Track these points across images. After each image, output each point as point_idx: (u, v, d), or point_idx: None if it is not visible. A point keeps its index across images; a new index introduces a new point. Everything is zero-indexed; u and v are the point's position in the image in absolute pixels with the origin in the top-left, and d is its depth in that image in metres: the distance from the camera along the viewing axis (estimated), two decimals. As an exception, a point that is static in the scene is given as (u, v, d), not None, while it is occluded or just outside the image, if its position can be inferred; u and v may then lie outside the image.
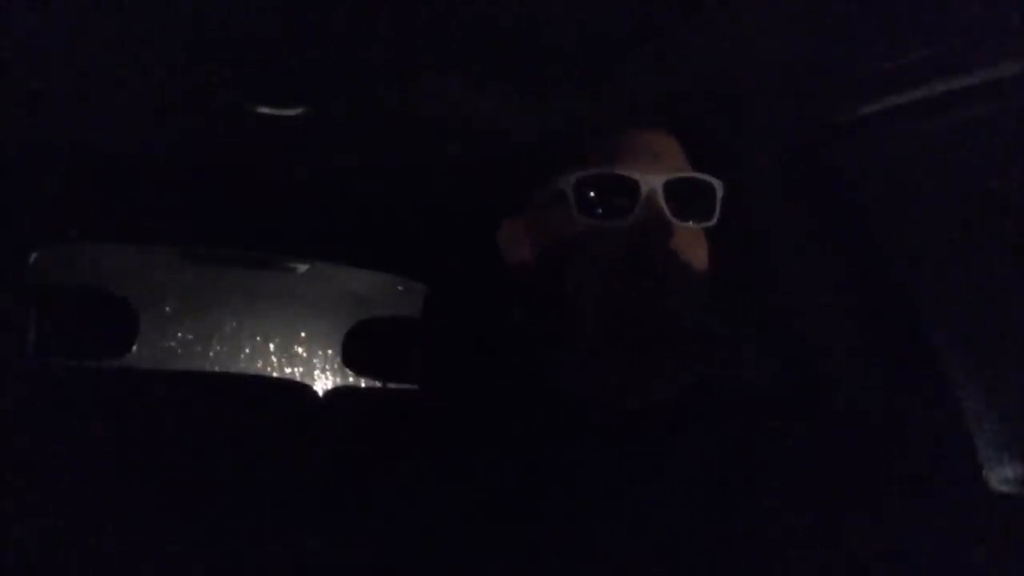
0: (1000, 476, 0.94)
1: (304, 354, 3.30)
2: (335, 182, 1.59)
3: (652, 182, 0.73)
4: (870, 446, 0.78)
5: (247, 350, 3.24)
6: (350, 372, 2.01)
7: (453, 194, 1.51)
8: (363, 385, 2.14)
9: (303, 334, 3.29)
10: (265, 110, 1.17)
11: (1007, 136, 0.96)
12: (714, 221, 0.77)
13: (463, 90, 1.10)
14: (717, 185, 0.77)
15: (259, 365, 3.25)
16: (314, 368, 3.29)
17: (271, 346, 3.27)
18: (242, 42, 0.99)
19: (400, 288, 2.71)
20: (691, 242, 0.76)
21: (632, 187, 0.74)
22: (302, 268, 2.60)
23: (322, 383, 3.25)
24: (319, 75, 1.08)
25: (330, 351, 3.25)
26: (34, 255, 1.64)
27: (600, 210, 0.75)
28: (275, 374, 3.21)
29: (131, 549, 1.45)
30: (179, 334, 3.14)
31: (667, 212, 0.73)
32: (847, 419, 0.83)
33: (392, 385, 1.90)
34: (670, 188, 0.74)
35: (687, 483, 0.71)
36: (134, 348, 1.71)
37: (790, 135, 1.13)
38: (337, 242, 1.85)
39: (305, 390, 1.84)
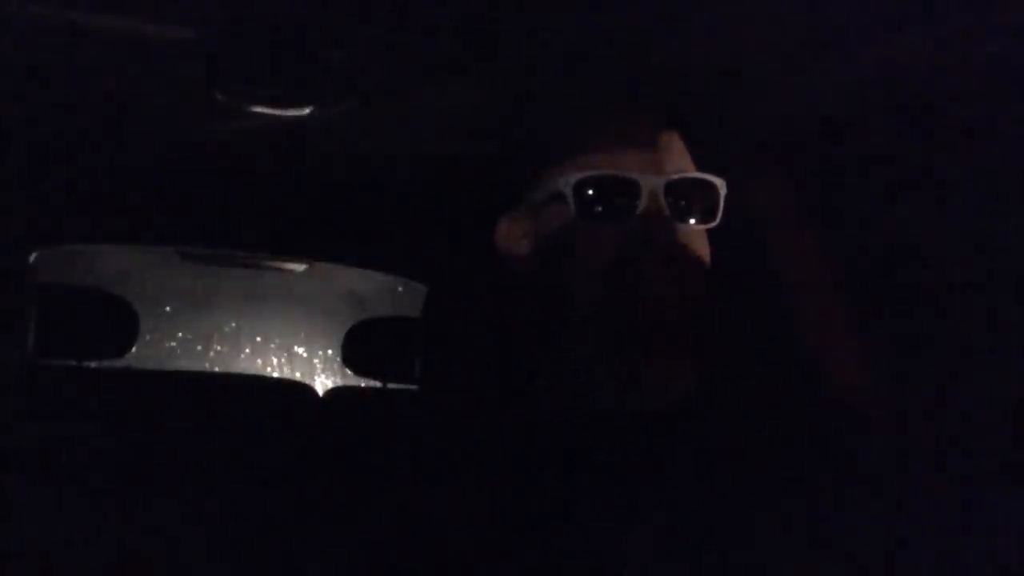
0: (992, 475, 0.94)
1: (304, 354, 3.30)
2: (335, 182, 1.59)
3: (653, 182, 0.72)
4: (872, 449, 0.78)
5: (247, 350, 3.25)
6: (350, 372, 2.01)
7: (453, 194, 1.51)
8: (363, 385, 2.14)
9: (303, 334, 3.29)
10: (265, 110, 1.17)
11: (1007, 135, 0.96)
12: (717, 221, 0.76)
13: (462, 90, 1.10)
14: (720, 184, 0.76)
15: (259, 365, 3.25)
16: (314, 368, 3.29)
17: (271, 346, 3.27)
18: (243, 41, 0.99)
19: (400, 288, 2.71)
20: (693, 242, 0.75)
21: (632, 188, 0.72)
22: (302, 268, 2.61)
23: (322, 383, 3.25)
24: (319, 76, 1.08)
25: (330, 351, 3.25)
26: (34, 255, 1.64)
27: (600, 212, 0.73)
28: (275, 374, 3.21)
29: (131, 548, 1.45)
30: (179, 334, 3.14)
31: (668, 213, 0.72)
32: (848, 422, 0.83)
33: (392, 385, 1.90)
34: (671, 188, 0.73)
35: (686, 489, 0.71)
36: (134, 348, 1.72)
37: (789, 135, 1.13)
38: (337, 242, 1.85)
39: (305, 390, 1.85)
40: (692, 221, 0.74)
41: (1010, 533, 0.79)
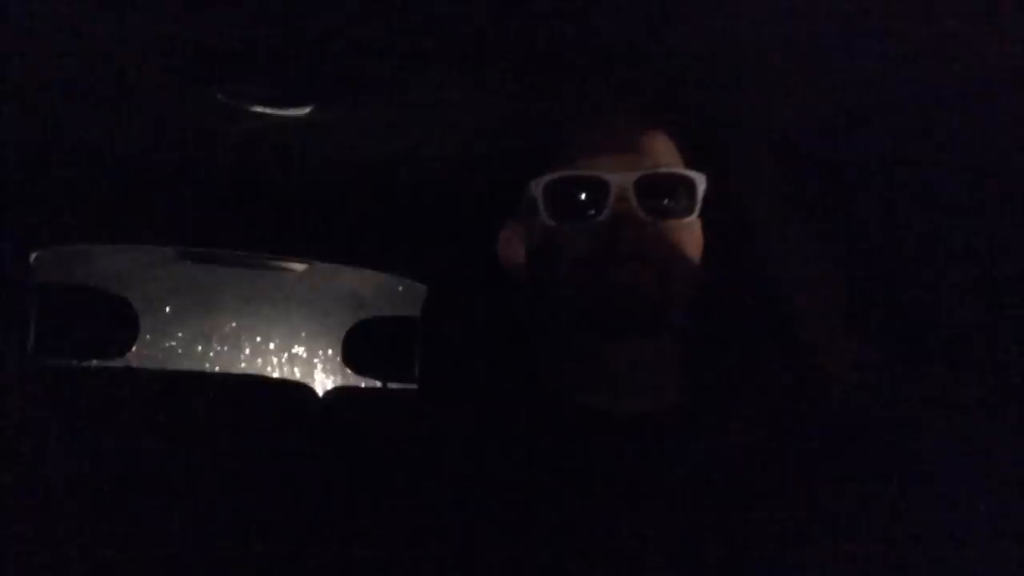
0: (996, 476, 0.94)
1: (304, 354, 3.30)
2: (335, 182, 1.59)
3: (622, 180, 0.72)
4: (869, 447, 0.78)
5: (247, 350, 3.25)
6: (350, 372, 2.01)
7: (453, 194, 1.51)
8: (363, 385, 2.14)
9: (303, 334, 3.29)
10: (265, 110, 1.17)
11: (1006, 134, 0.96)
12: (695, 216, 0.76)
13: (463, 90, 1.10)
14: (698, 179, 0.75)
15: (259, 365, 3.25)
16: (314, 368, 3.30)
17: (271, 346, 3.27)
18: (242, 41, 0.99)
19: (400, 288, 2.71)
20: (676, 237, 0.75)
21: (601, 187, 0.73)
22: (302, 268, 2.61)
23: (322, 383, 3.25)
24: (319, 76, 1.08)
25: (330, 351, 3.26)
26: (34, 255, 1.64)
27: (571, 212, 0.74)
28: (275, 374, 3.21)
29: (130, 549, 1.45)
30: (179, 334, 3.14)
31: (639, 210, 0.72)
32: (845, 419, 0.83)
33: (392, 385, 1.90)
34: (643, 185, 0.73)
35: (683, 486, 0.71)
36: (134, 348, 1.72)
37: (788, 132, 1.13)
38: (337, 242, 1.85)
39: (305, 390, 1.85)
40: (668, 216, 0.74)
41: (1010, 533, 0.79)
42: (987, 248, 1.00)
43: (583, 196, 0.74)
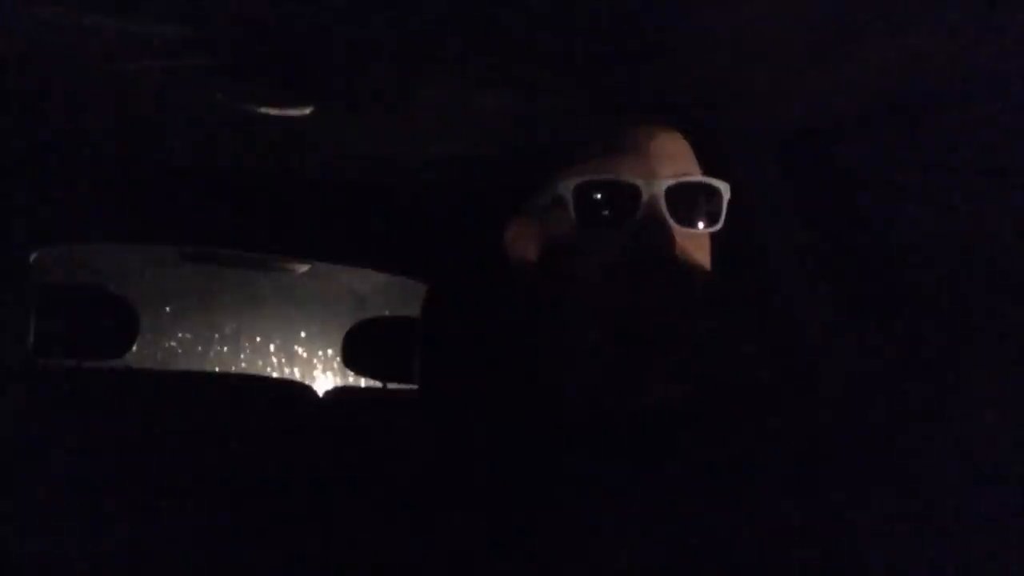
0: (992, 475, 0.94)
1: (304, 354, 3.30)
2: (336, 182, 1.59)
3: (654, 187, 0.72)
4: (868, 447, 0.78)
5: (247, 350, 3.25)
6: (350, 372, 2.01)
7: (454, 194, 1.51)
8: (363, 385, 2.14)
9: (303, 334, 3.29)
10: (265, 111, 1.17)
11: (1006, 135, 0.96)
12: (720, 225, 0.76)
13: (463, 90, 1.10)
14: (723, 188, 0.76)
15: (259, 365, 3.25)
16: (314, 368, 3.30)
17: (271, 346, 3.27)
18: (243, 41, 0.99)
19: (400, 288, 2.71)
20: (694, 245, 0.75)
21: (633, 193, 0.72)
22: (302, 268, 2.61)
23: (322, 383, 3.25)
24: (320, 76, 1.08)
25: (330, 351, 3.26)
26: (34, 255, 1.64)
27: (600, 216, 0.74)
28: (275, 374, 3.21)
29: (131, 549, 1.45)
30: (179, 334, 3.15)
31: (668, 218, 0.72)
32: (845, 420, 0.83)
33: (392, 385, 1.90)
34: (673, 193, 0.73)
35: (685, 485, 0.71)
36: (134, 348, 1.72)
37: (789, 135, 1.13)
38: (337, 242, 1.85)
39: (305, 390, 1.85)
40: (694, 225, 0.74)
41: (1010, 533, 0.79)
42: (987, 248, 1.00)
43: (613, 200, 0.73)
